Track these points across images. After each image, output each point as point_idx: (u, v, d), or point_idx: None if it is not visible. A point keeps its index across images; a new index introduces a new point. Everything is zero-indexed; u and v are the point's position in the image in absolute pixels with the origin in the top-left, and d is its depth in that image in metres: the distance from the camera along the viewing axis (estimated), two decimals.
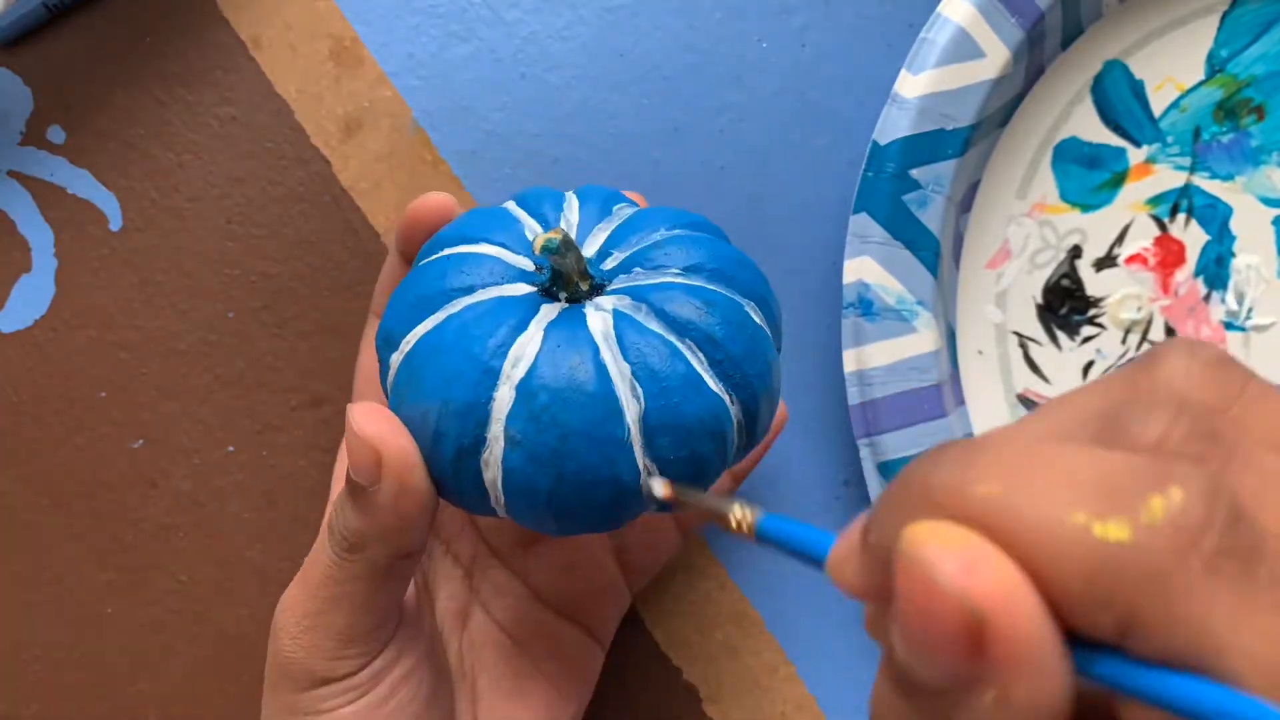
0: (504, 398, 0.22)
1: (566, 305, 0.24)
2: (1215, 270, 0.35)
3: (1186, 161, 0.35)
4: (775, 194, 0.36)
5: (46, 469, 0.35)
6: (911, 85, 0.33)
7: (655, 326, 0.24)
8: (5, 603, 0.35)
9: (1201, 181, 0.35)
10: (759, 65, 0.36)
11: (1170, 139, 0.35)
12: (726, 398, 0.24)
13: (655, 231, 0.26)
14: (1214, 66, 0.35)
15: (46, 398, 0.35)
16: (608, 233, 0.26)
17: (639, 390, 0.23)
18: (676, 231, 0.26)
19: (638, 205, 0.28)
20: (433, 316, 0.24)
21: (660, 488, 0.23)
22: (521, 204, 0.27)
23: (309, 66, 0.35)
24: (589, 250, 0.26)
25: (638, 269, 0.25)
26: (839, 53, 0.36)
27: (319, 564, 0.25)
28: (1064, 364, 0.35)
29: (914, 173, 0.33)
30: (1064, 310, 0.35)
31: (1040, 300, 0.35)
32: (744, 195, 0.36)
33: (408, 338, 0.24)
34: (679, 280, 0.24)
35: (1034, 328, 0.35)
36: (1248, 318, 0.35)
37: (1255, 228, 0.35)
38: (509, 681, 0.30)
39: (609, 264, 0.25)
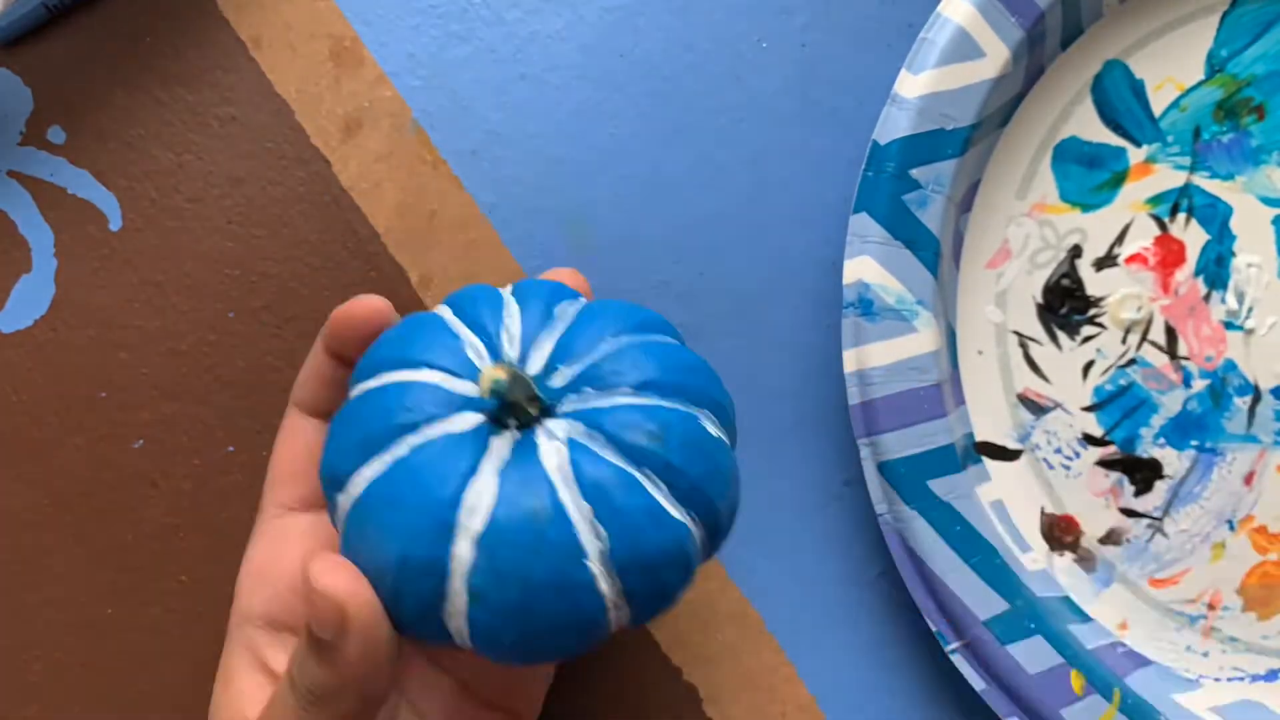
0: (463, 553, 0.22)
1: (518, 434, 0.24)
2: (1215, 270, 0.35)
3: (1186, 161, 0.35)
4: (775, 194, 0.36)
5: (46, 469, 0.35)
6: (911, 85, 0.33)
7: (612, 457, 0.23)
8: (5, 603, 0.35)
9: (1201, 181, 0.35)
10: (759, 65, 0.36)
11: (1170, 139, 0.35)
12: (689, 522, 0.23)
13: (603, 341, 0.25)
14: (1214, 66, 0.35)
15: (46, 398, 0.35)
16: (553, 343, 0.25)
17: (600, 530, 0.22)
18: (624, 340, 0.25)
19: (580, 298, 0.27)
20: (379, 458, 0.23)
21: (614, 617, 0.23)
22: (457, 312, 0.26)
23: (309, 66, 0.35)
24: (534, 365, 0.25)
25: (588, 389, 0.24)
26: (839, 53, 0.36)
27: (282, 712, 0.25)
28: (1064, 364, 0.35)
29: (914, 172, 0.33)
30: (1064, 310, 0.35)
31: (1040, 300, 0.35)
32: (744, 195, 0.36)
33: (354, 480, 0.23)
34: (632, 401, 0.24)
35: (1034, 327, 0.35)
36: (1248, 317, 0.35)
37: (1255, 227, 0.35)
38: None
39: (556, 380, 0.25)
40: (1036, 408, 0.35)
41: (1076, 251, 0.35)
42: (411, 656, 0.30)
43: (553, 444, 0.23)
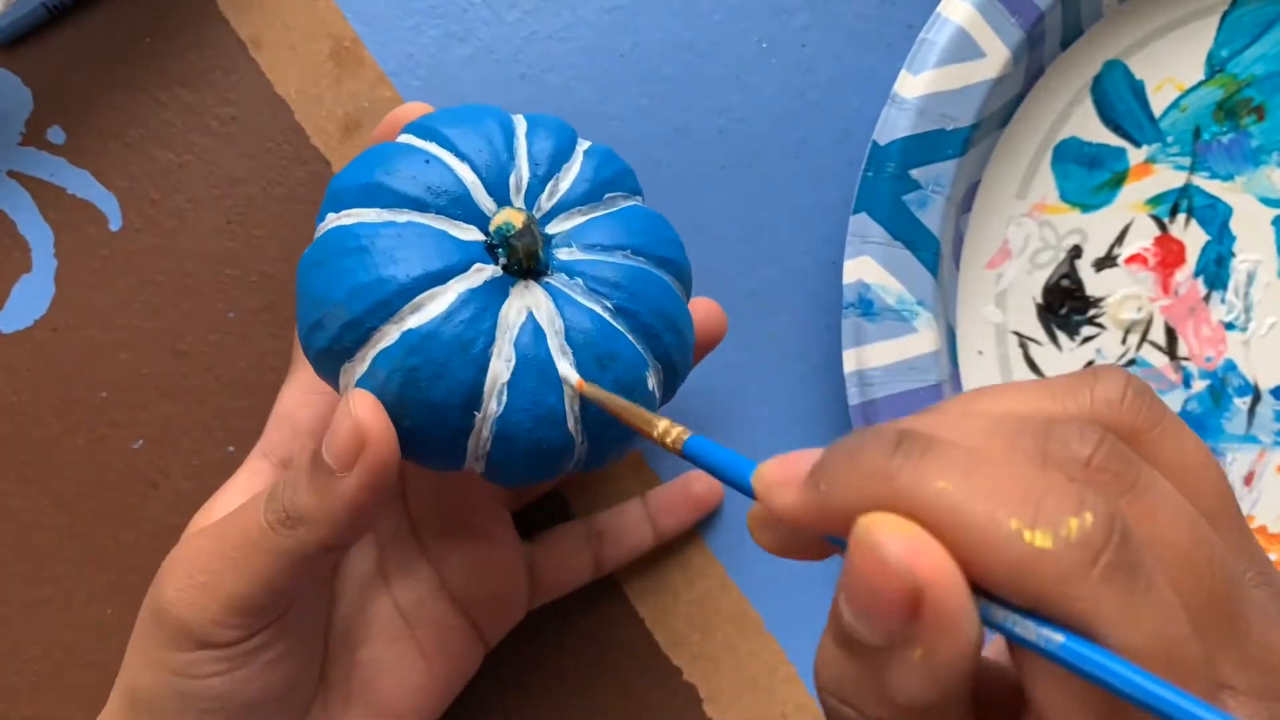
0: (490, 408, 0.24)
1: (521, 283, 0.25)
2: (1215, 270, 0.35)
3: (1186, 161, 0.35)
4: (775, 194, 0.36)
5: (46, 469, 0.35)
6: (911, 85, 0.33)
7: (589, 304, 0.25)
8: (5, 603, 0.35)
9: (1201, 181, 0.35)
10: (759, 65, 0.36)
11: (1170, 139, 0.35)
12: (651, 364, 0.25)
13: (600, 204, 0.26)
14: (1214, 66, 0.35)
15: (46, 398, 0.35)
16: (560, 194, 0.26)
17: (573, 370, 0.24)
18: (619, 205, 0.27)
19: (581, 142, 0.28)
20: (399, 319, 0.23)
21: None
22: (461, 142, 0.25)
23: (309, 67, 0.35)
24: (538, 211, 0.26)
25: (575, 244, 0.26)
26: (839, 53, 0.36)
27: (241, 525, 0.25)
28: (1064, 364, 0.35)
29: (914, 173, 0.33)
30: (1064, 310, 0.35)
31: (1040, 300, 0.35)
32: (744, 195, 0.36)
33: (375, 338, 0.23)
34: (612, 260, 0.25)
35: (1034, 328, 0.35)
36: (1248, 318, 0.35)
37: (1255, 228, 0.35)
38: (391, 660, 0.29)
39: (555, 228, 0.26)
40: None
41: (1076, 252, 0.35)
42: (406, 540, 0.31)
43: (544, 295, 0.25)
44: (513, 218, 0.24)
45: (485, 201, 0.25)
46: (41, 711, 0.34)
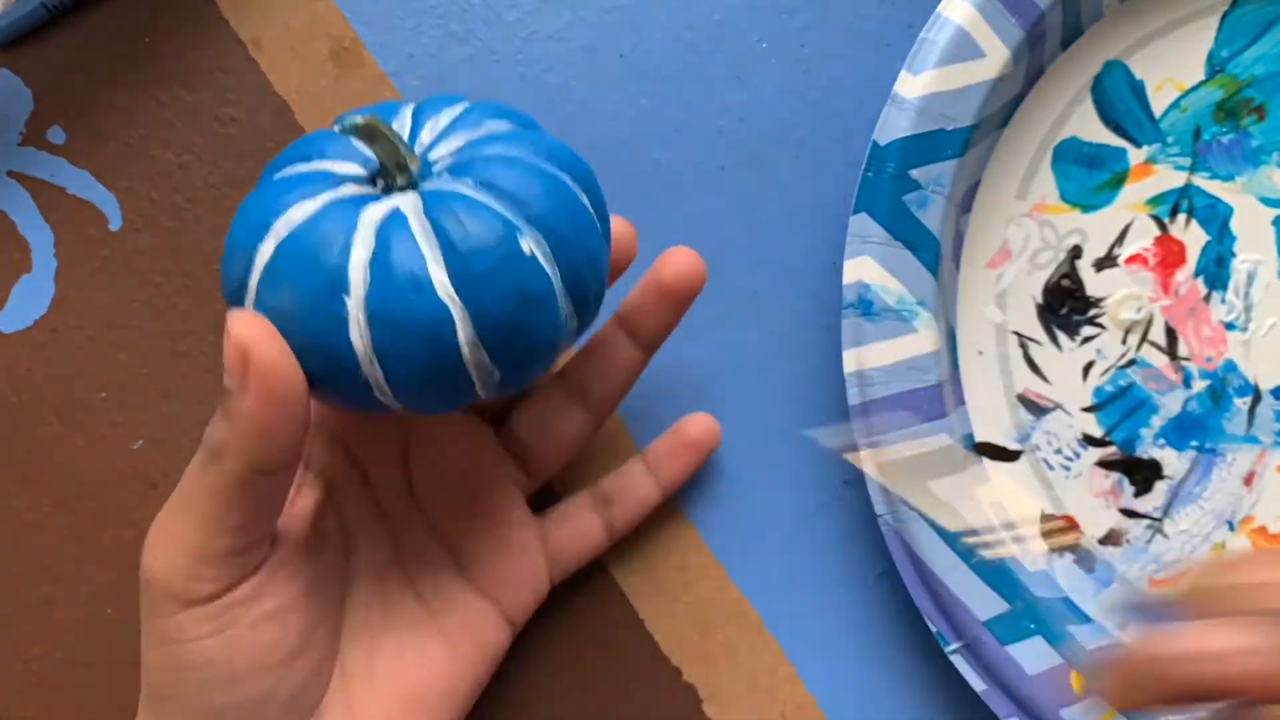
0: (355, 311, 0.24)
1: (393, 197, 0.25)
2: (1215, 270, 0.35)
3: (1187, 162, 0.35)
4: (775, 194, 0.36)
5: (46, 469, 0.35)
6: (911, 85, 0.33)
7: (474, 194, 0.25)
8: (5, 603, 0.35)
9: (1202, 182, 0.35)
10: (759, 65, 0.36)
11: (1170, 139, 0.35)
12: (555, 280, 0.25)
13: (479, 129, 0.27)
14: (1214, 67, 0.35)
15: (46, 398, 0.35)
16: (448, 123, 0.27)
17: (451, 268, 0.24)
18: (481, 134, 0.27)
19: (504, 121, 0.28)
20: (274, 231, 0.24)
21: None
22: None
23: (309, 67, 0.35)
24: (423, 139, 0.27)
25: (465, 174, 0.26)
26: (839, 53, 0.36)
27: (187, 474, 0.25)
28: (1064, 364, 0.35)
29: (914, 173, 0.33)
30: (1064, 310, 0.35)
31: (1040, 300, 0.35)
32: (744, 195, 0.36)
33: (258, 252, 0.24)
34: (505, 154, 0.26)
35: (1034, 328, 0.35)
36: (1248, 318, 0.35)
37: (1255, 228, 0.35)
38: (413, 645, 0.30)
39: (440, 152, 0.26)
40: (1036, 408, 0.35)
41: (1076, 252, 0.35)
42: (416, 523, 0.31)
43: (414, 198, 0.25)
44: (357, 118, 0.24)
45: (364, 148, 0.26)
46: (41, 711, 0.34)
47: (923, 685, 0.35)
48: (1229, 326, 0.35)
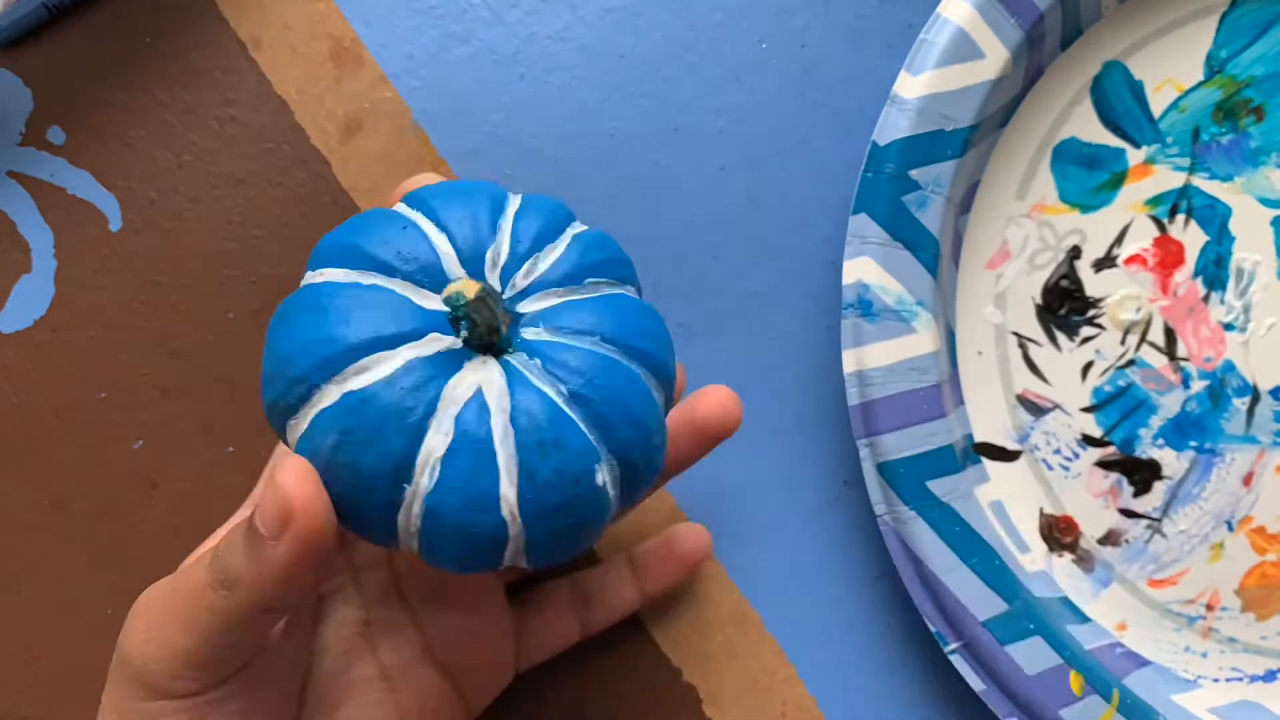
0: (423, 482, 0.22)
1: (477, 360, 0.23)
2: (1215, 271, 0.35)
3: (1186, 162, 0.35)
4: (775, 194, 0.36)
5: (46, 469, 0.35)
6: (911, 86, 0.33)
7: (544, 386, 0.23)
8: (5, 603, 0.35)
9: (1201, 182, 0.35)
10: (759, 65, 0.36)
11: (1169, 140, 0.35)
12: (607, 462, 0.24)
13: (581, 288, 0.25)
14: (1213, 67, 0.35)
15: (46, 398, 0.35)
16: (538, 275, 0.25)
17: (515, 466, 0.23)
18: (602, 290, 0.25)
19: (575, 224, 0.27)
20: (340, 380, 0.23)
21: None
22: (443, 211, 0.25)
23: (309, 67, 0.35)
24: (511, 289, 0.25)
25: (542, 325, 0.24)
26: (839, 53, 0.36)
27: (188, 579, 0.24)
28: (1063, 365, 0.35)
29: (913, 173, 0.33)
30: (1063, 311, 0.35)
31: (1039, 301, 0.35)
32: (744, 195, 0.36)
33: (316, 398, 0.23)
34: (579, 345, 0.24)
35: (1033, 328, 0.35)
36: (1247, 318, 0.35)
37: (1255, 228, 0.35)
38: (370, 715, 0.29)
39: (526, 306, 0.25)
40: (1036, 408, 0.35)
41: (1076, 252, 0.35)
42: (393, 601, 0.30)
43: (499, 373, 0.23)
44: (466, 288, 0.22)
45: (456, 272, 0.24)
46: (42, 712, 0.34)
47: (923, 685, 0.35)
48: (1228, 327, 0.35)
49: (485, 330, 0.23)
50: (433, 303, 0.23)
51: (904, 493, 0.33)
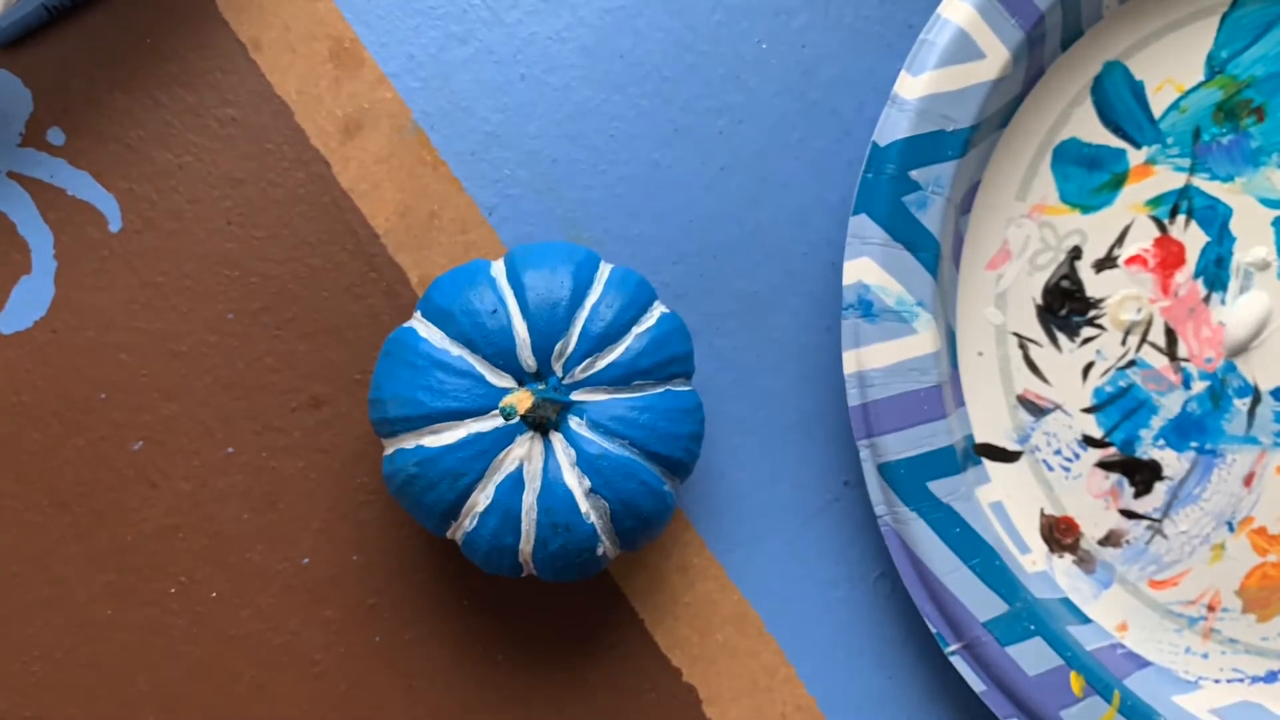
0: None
1: (539, 435, 0.30)
2: (1215, 271, 0.35)
3: (1186, 163, 0.35)
4: (775, 194, 0.36)
5: (46, 470, 0.35)
6: (911, 86, 0.33)
7: (604, 443, 0.30)
8: (5, 603, 0.35)
9: (1201, 183, 0.35)
10: (759, 65, 0.36)
11: (1170, 140, 0.35)
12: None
13: (626, 387, 0.30)
14: (1214, 68, 0.35)
15: (46, 399, 0.35)
16: (606, 363, 0.30)
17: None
18: (623, 395, 0.30)
19: (657, 305, 0.32)
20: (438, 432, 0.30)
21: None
22: (531, 293, 0.30)
23: (309, 68, 0.35)
24: (576, 372, 0.30)
25: (585, 419, 0.30)
26: (839, 53, 0.36)
27: None
28: (1064, 365, 0.35)
29: (914, 174, 0.33)
30: (1064, 311, 0.35)
31: (1040, 301, 0.35)
32: (744, 195, 0.36)
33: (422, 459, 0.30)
34: (603, 444, 0.30)
35: (1034, 329, 0.35)
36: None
37: (1255, 229, 0.35)
38: None
39: (580, 395, 0.30)
40: (1036, 409, 0.35)
41: (1076, 253, 0.35)
42: None
43: (540, 453, 0.30)
44: (519, 403, 0.29)
45: (528, 360, 0.30)
46: (41, 712, 0.35)
47: (923, 686, 0.35)
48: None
49: (533, 422, 0.30)
50: (503, 381, 0.30)
51: (904, 493, 0.33)
